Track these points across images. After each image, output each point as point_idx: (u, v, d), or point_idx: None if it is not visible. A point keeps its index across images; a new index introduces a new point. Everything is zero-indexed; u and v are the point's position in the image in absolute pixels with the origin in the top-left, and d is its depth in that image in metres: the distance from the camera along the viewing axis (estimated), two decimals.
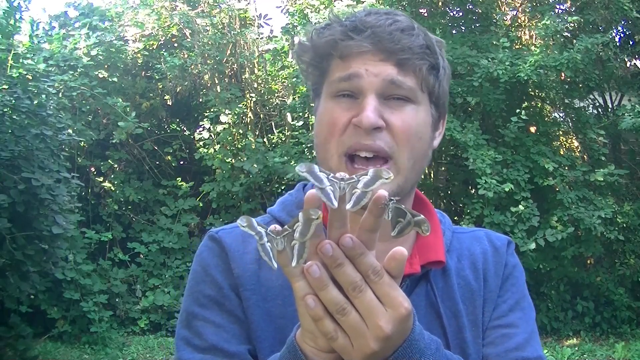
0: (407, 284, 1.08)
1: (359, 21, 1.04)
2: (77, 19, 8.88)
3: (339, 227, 0.79)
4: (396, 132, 1.02)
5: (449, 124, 7.60)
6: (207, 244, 1.12)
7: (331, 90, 1.06)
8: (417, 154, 1.05)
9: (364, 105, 1.01)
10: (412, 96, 1.04)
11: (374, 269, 0.79)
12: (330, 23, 1.08)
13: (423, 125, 1.06)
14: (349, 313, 0.79)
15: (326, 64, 1.07)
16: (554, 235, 7.41)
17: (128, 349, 7.14)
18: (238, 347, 1.03)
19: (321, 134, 1.06)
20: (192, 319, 1.06)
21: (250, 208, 8.87)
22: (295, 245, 0.79)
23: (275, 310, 1.05)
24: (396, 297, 0.80)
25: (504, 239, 1.19)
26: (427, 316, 1.07)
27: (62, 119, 6.21)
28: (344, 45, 1.03)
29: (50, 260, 5.91)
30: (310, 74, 1.11)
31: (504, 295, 1.13)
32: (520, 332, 1.10)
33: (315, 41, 1.07)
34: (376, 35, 1.02)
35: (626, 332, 7.90)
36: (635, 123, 7.45)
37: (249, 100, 9.29)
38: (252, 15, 9.86)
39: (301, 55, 1.11)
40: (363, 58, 1.02)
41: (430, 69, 1.05)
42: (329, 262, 0.79)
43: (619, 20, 8.54)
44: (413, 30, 1.04)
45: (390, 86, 1.02)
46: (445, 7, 9.18)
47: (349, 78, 1.03)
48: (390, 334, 0.80)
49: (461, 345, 1.07)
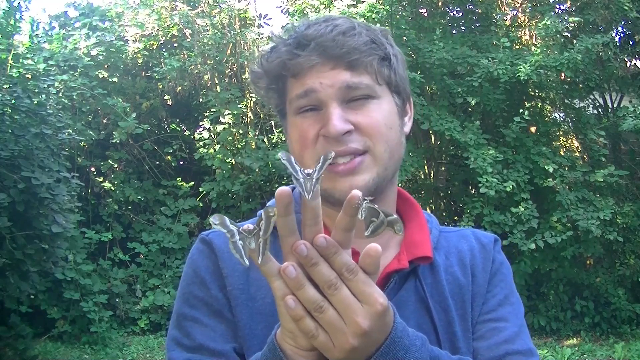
0: (396, 280, 1.09)
1: (301, 36, 1.06)
2: (77, 19, 8.88)
3: (312, 224, 0.82)
4: (366, 130, 1.05)
5: (449, 123, 7.61)
6: (198, 247, 1.15)
7: (293, 108, 1.08)
8: (392, 145, 1.08)
9: (328, 116, 1.03)
10: (371, 92, 1.06)
11: (348, 267, 0.82)
12: (275, 45, 1.10)
13: (389, 116, 1.08)
14: (326, 311, 0.82)
15: (282, 85, 1.10)
16: (554, 237, 7.41)
17: (128, 349, 7.14)
18: (224, 346, 1.05)
19: (295, 150, 1.09)
20: (182, 319, 1.09)
21: (250, 208, 8.87)
22: (260, 242, 0.82)
23: (265, 308, 1.07)
24: (371, 294, 0.82)
25: (490, 237, 1.22)
26: (417, 311, 1.09)
27: (62, 118, 6.21)
28: (293, 63, 1.05)
29: (50, 260, 5.91)
30: (270, 98, 1.14)
31: (493, 290, 1.15)
32: (510, 325, 1.11)
33: (266, 66, 1.10)
34: (320, 45, 1.03)
35: (626, 332, 7.90)
36: (637, 124, 7.45)
37: (249, 100, 9.29)
38: (252, 15, 9.86)
39: (256, 82, 1.14)
40: (314, 71, 1.04)
41: (381, 60, 1.07)
42: (304, 261, 0.81)
43: (619, 20, 8.54)
44: (354, 30, 1.06)
45: (347, 91, 1.04)
46: (445, 7, 9.19)
47: (306, 94, 1.05)
48: (368, 329, 0.82)
49: (451, 339, 1.09)
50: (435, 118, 7.57)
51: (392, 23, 7.90)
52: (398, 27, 7.89)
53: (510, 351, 1.07)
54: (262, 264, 0.83)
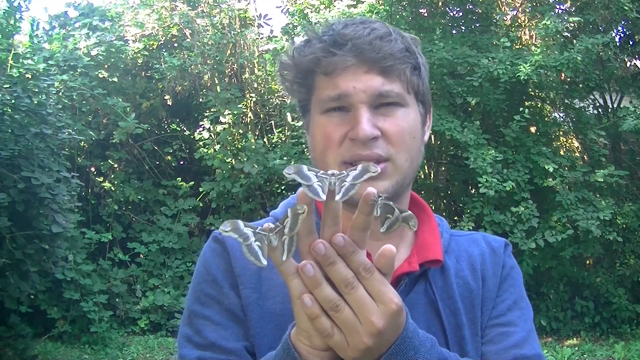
0: (406, 282, 1.10)
1: (338, 35, 1.06)
2: (77, 19, 8.88)
3: (331, 224, 0.82)
4: (391, 138, 1.05)
5: (449, 123, 7.61)
6: (210, 245, 1.15)
7: (321, 107, 1.08)
8: (413, 153, 1.09)
9: (358, 119, 1.03)
10: (401, 100, 1.07)
11: (364, 266, 0.82)
12: (309, 39, 1.09)
13: (414, 125, 1.09)
14: (342, 310, 0.82)
15: (311, 81, 1.09)
16: (554, 237, 7.42)
17: (128, 349, 7.14)
18: (235, 344, 1.05)
19: (317, 148, 1.09)
20: (193, 317, 1.09)
21: (250, 208, 8.87)
22: (285, 239, 0.82)
23: (276, 308, 1.07)
24: (387, 293, 0.83)
25: (501, 241, 1.22)
26: (426, 314, 1.09)
27: (62, 118, 6.21)
28: (327, 61, 1.05)
29: (50, 260, 5.91)
30: (295, 92, 1.13)
31: (503, 295, 1.15)
32: (518, 330, 1.11)
33: (297, 59, 1.09)
34: (357, 47, 1.04)
35: (626, 332, 7.90)
36: (637, 124, 7.45)
37: (249, 100, 9.29)
38: (252, 15, 9.87)
39: (284, 73, 1.13)
40: (348, 72, 1.04)
41: (413, 69, 1.08)
42: (322, 260, 0.82)
43: (619, 21, 8.54)
44: (391, 35, 1.07)
45: (378, 97, 1.05)
46: (445, 7, 9.19)
47: (339, 98, 1.05)
48: (383, 329, 0.83)
49: (460, 343, 1.09)
50: (435, 118, 7.57)
51: (392, 23, 7.89)
52: (398, 27, 7.87)
53: (519, 356, 1.08)
54: (282, 262, 0.83)
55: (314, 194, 0.80)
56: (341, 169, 1.03)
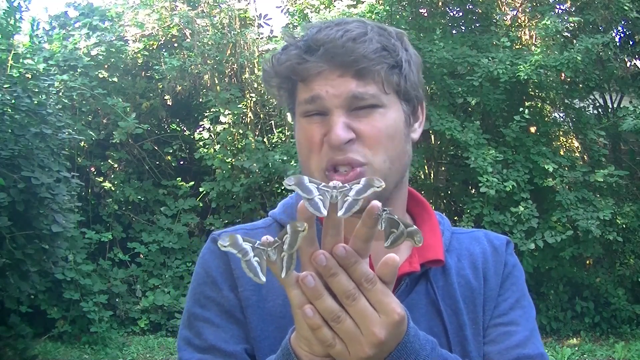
0: (407, 283, 1.09)
1: (311, 40, 1.05)
2: (77, 19, 8.88)
3: (333, 235, 0.81)
4: (367, 140, 1.04)
5: (449, 123, 7.61)
6: (209, 247, 1.14)
7: (301, 111, 1.08)
8: (392, 155, 1.06)
9: (331, 124, 1.03)
10: (377, 102, 1.05)
11: (366, 277, 0.81)
12: (287, 45, 1.09)
13: (394, 125, 1.07)
14: (343, 321, 0.82)
15: (292, 86, 1.10)
16: (554, 237, 7.41)
17: (128, 349, 7.14)
18: (235, 347, 1.05)
19: (302, 153, 1.09)
20: (193, 319, 1.09)
21: (250, 208, 8.87)
22: (284, 256, 0.80)
23: (276, 310, 1.07)
24: (389, 304, 0.82)
25: (502, 239, 1.21)
26: (428, 314, 1.08)
27: (62, 118, 6.21)
28: (301, 68, 1.05)
29: (50, 260, 5.90)
30: (282, 97, 1.14)
31: (505, 294, 1.14)
32: (521, 329, 1.11)
33: (276, 67, 1.10)
34: (329, 52, 1.03)
35: (626, 332, 7.91)
36: (637, 124, 7.45)
37: (249, 100, 9.29)
38: (252, 15, 9.86)
39: (268, 81, 1.13)
40: (322, 77, 1.04)
41: (391, 68, 1.06)
42: (323, 271, 0.81)
43: (619, 20, 8.54)
44: (365, 36, 1.05)
45: (353, 100, 1.03)
46: (445, 7, 9.19)
47: (313, 100, 1.05)
48: (384, 339, 0.82)
49: (462, 343, 1.08)
50: (436, 118, 7.57)
51: (392, 23, 7.89)
52: (398, 27, 7.87)
53: (522, 355, 1.07)
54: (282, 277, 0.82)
55: (314, 208, 0.78)
56: (324, 178, 1.03)
